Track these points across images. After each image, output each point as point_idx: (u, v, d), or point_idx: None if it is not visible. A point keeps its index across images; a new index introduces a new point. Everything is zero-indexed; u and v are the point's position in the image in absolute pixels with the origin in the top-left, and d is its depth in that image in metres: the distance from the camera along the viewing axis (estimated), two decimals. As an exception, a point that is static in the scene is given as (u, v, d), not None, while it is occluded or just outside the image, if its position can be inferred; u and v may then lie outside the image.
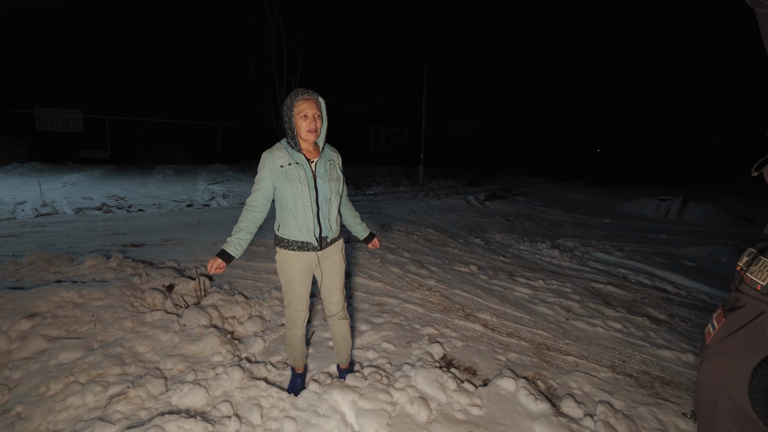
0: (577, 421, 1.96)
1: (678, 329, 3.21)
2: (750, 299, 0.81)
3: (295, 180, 1.79)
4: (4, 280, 3.24)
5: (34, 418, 1.82)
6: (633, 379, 2.42)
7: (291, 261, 1.90)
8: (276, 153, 1.82)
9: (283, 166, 1.80)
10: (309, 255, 1.91)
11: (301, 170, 1.80)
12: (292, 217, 1.84)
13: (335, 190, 1.90)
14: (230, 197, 9.71)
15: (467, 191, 12.85)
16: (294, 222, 1.84)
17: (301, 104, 1.78)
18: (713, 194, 14.07)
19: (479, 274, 4.31)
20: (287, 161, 1.80)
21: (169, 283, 3.17)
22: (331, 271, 2.01)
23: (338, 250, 2.01)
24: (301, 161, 1.82)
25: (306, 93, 1.79)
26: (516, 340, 2.83)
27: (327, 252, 1.96)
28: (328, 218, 1.90)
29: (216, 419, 1.81)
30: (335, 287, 2.04)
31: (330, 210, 1.89)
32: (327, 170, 1.87)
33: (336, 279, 2.03)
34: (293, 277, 1.92)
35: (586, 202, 11.69)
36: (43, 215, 6.77)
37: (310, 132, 1.78)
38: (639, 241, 6.66)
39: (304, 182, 1.80)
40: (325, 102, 1.89)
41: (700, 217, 8.95)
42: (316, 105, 1.80)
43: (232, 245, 1.79)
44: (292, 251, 1.89)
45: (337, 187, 1.91)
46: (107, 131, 20.29)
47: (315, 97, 1.81)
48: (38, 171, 13.85)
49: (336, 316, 2.09)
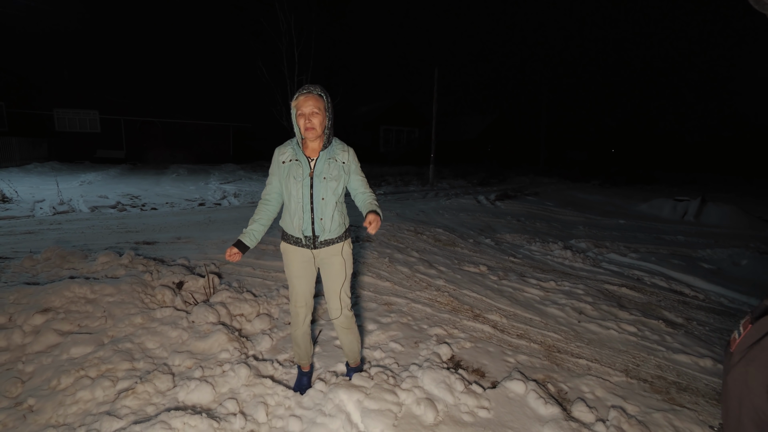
0: (589, 426, 1.91)
1: (695, 333, 3.10)
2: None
3: (291, 176, 1.83)
4: (20, 276, 3.32)
5: (45, 411, 1.85)
6: (647, 383, 2.34)
7: (289, 254, 1.95)
8: (282, 149, 1.90)
9: (285, 162, 1.86)
10: (304, 251, 1.92)
11: (299, 168, 1.82)
12: (288, 211, 1.90)
13: (331, 190, 1.84)
14: (241, 196, 9.81)
15: (478, 191, 12.73)
16: (288, 216, 1.90)
17: (299, 101, 1.76)
18: (733, 195, 13.66)
19: (489, 274, 4.25)
20: (289, 157, 1.86)
21: (179, 280, 3.20)
22: (329, 274, 1.96)
23: (337, 253, 1.92)
24: (301, 159, 1.84)
25: (305, 89, 1.76)
26: (526, 342, 2.78)
27: (323, 252, 1.92)
28: (321, 217, 1.85)
29: (222, 416, 1.81)
30: (332, 291, 1.97)
31: (324, 209, 1.84)
32: (325, 169, 1.83)
33: (334, 282, 1.95)
34: (292, 270, 1.95)
35: (599, 202, 11.47)
36: (60, 213, 6.93)
37: (307, 130, 1.77)
38: (655, 242, 6.50)
39: (299, 179, 1.82)
40: (335, 102, 1.86)
41: (719, 218, 8.69)
42: (314, 101, 1.74)
43: (247, 236, 1.90)
44: (288, 244, 1.94)
45: (333, 187, 1.84)
46: (123, 131, 20.72)
47: (315, 92, 1.76)
48: (57, 170, 14.22)
49: (338, 323, 2.02)
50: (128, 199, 8.74)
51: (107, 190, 9.89)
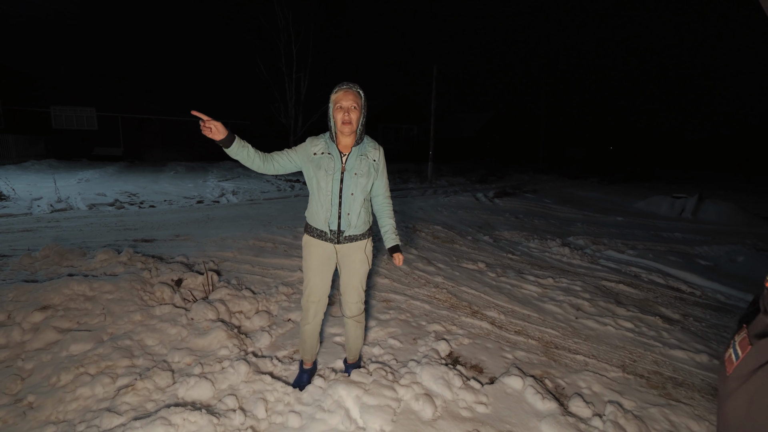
0: (586, 421, 1.92)
1: (692, 329, 3.13)
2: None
3: (323, 169, 1.83)
4: (19, 273, 3.32)
5: (45, 408, 1.85)
6: (644, 379, 2.36)
7: (310, 247, 1.95)
8: (316, 140, 1.90)
9: (316, 153, 1.86)
10: (327, 245, 1.93)
11: (330, 161, 1.84)
12: (315, 203, 1.89)
13: (360, 186, 1.87)
14: (240, 194, 9.79)
15: (476, 188, 12.74)
16: (315, 208, 1.90)
17: (338, 95, 1.79)
18: (731, 192, 13.71)
19: (487, 271, 4.26)
20: (321, 150, 1.86)
21: (178, 277, 3.21)
22: (348, 269, 1.99)
23: (360, 249, 1.96)
24: (334, 152, 1.86)
25: (345, 84, 1.80)
26: (524, 338, 2.79)
27: (346, 248, 1.95)
28: (349, 213, 1.88)
29: (221, 412, 1.82)
30: (351, 286, 2.01)
31: (352, 205, 1.87)
32: (356, 164, 1.86)
33: (353, 278, 2.00)
34: (310, 264, 1.96)
35: (597, 199, 11.49)
36: (58, 211, 6.92)
37: (344, 124, 1.79)
38: (652, 239, 6.52)
39: (330, 173, 1.83)
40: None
41: (717, 215, 8.72)
42: (354, 96, 1.79)
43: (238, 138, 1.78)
44: (311, 237, 1.95)
45: (363, 183, 1.87)
46: (120, 129, 20.64)
47: (354, 88, 1.80)
48: (54, 168, 14.17)
49: (351, 318, 2.07)
50: (126, 197, 8.73)
51: (105, 188, 9.86)
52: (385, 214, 2.03)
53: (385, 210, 2.03)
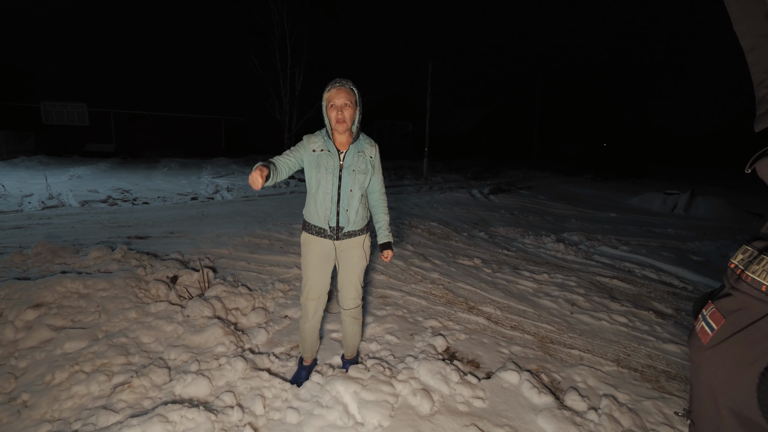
0: (581, 414, 1.95)
1: (684, 323, 3.17)
2: (752, 300, 0.79)
3: (322, 166, 1.83)
4: (10, 271, 3.27)
5: (39, 406, 1.83)
6: (638, 372, 2.40)
7: (309, 244, 1.96)
8: (313, 138, 1.89)
9: (315, 150, 1.86)
10: (326, 242, 1.94)
11: (330, 159, 1.84)
12: (314, 201, 1.89)
13: (359, 183, 1.88)
14: (234, 191, 9.73)
15: (472, 185, 12.77)
16: (314, 206, 1.89)
17: (330, 93, 1.78)
18: (722, 188, 13.88)
19: (483, 267, 4.28)
20: (320, 147, 1.86)
21: (173, 274, 3.18)
22: (347, 265, 2.00)
23: (358, 245, 1.98)
24: (332, 150, 1.86)
25: (337, 82, 1.79)
26: (520, 333, 2.82)
27: (345, 243, 1.96)
28: (347, 209, 1.89)
29: (219, 409, 1.82)
30: (349, 282, 2.03)
31: (350, 201, 1.88)
32: (354, 161, 1.87)
33: (351, 273, 2.01)
34: (309, 261, 1.97)
35: (591, 196, 11.58)
36: (50, 208, 6.82)
37: (338, 122, 1.78)
38: (645, 235, 6.59)
39: (329, 170, 1.84)
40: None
41: (708, 211, 8.83)
42: (347, 94, 1.78)
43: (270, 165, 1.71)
44: (310, 234, 1.95)
45: (361, 180, 1.88)
46: (112, 125, 20.36)
47: (347, 85, 1.79)
48: (45, 164, 13.96)
49: (349, 313, 2.08)
50: (119, 194, 8.63)
51: (97, 185, 9.74)
52: (381, 210, 2.06)
53: (381, 206, 2.06)
